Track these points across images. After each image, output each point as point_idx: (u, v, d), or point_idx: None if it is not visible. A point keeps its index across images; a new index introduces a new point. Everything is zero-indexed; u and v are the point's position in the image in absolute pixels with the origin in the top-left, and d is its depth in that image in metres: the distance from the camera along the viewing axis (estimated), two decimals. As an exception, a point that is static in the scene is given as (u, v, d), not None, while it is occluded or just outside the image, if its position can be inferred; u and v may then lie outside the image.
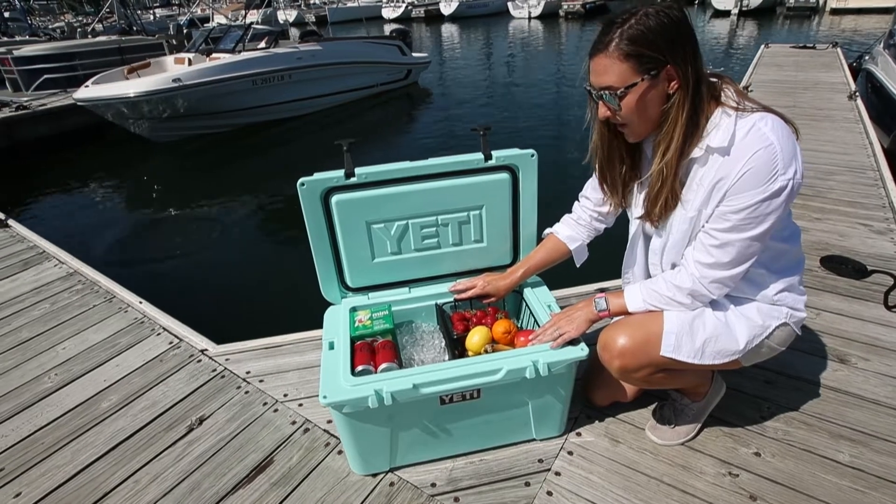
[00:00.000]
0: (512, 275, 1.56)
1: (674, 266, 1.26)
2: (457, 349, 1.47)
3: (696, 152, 1.10)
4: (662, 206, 1.18)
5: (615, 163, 1.29)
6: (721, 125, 1.07)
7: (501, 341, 1.46)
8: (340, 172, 1.43)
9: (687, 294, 1.19)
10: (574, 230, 1.51)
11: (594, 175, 1.39)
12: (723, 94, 1.11)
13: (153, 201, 6.34)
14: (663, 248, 1.27)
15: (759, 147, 1.02)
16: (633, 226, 1.39)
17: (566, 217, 1.54)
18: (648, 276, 1.40)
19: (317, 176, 1.43)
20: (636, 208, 1.32)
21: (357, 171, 1.44)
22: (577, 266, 1.53)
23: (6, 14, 16.67)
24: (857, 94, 5.19)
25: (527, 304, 1.59)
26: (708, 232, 1.13)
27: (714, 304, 1.24)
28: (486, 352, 1.41)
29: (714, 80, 1.12)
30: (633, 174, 1.30)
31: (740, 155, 1.04)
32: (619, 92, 1.07)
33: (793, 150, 1.03)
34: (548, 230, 1.57)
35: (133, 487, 1.46)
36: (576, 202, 1.52)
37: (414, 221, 1.53)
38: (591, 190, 1.45)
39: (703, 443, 1.47)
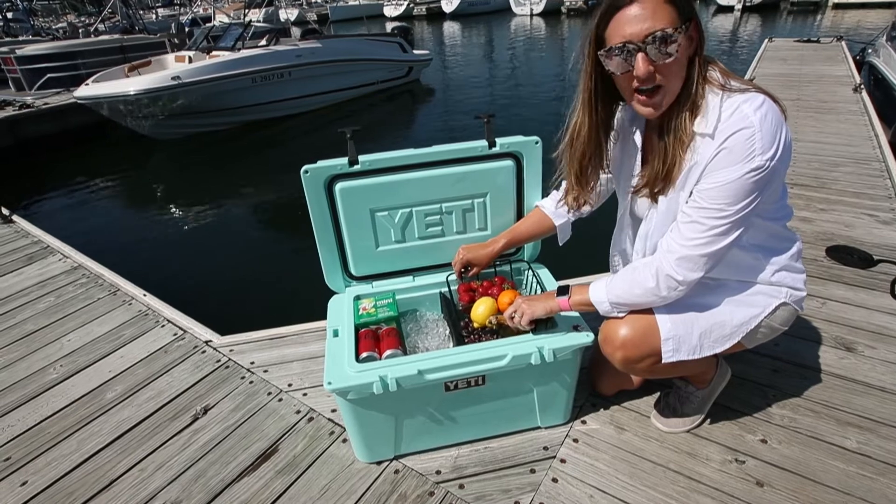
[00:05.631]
0: (493, 244, 1.53)
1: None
2: (462, 321, 1.47)
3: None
4: (672, 177, 1.10)
5: (603, 147, 1.23)
6: (709, 108, 1.04)
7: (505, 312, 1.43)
8: (344, 160, 1.43)
9: (652, 274, 1.12)
10: (560, 207, 1.47)
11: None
12: (708, 74, 1.07)
13: (156, 197, 6.35)
14: (647, 234, 1.25)
15: (739, 127, 0.99)
16: (622, 209, 1.36)
17: (554, 192, 1.50)
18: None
19: (320, 163, 1.43)
20: (627, 191, 1.27)
21: (361, 158, 1.43)
22: (560, 244, 1.51)
23: (9, 15, 16.70)
24: (863, 86, 5.17)
25: (536, 277, 1.58)
26: (682, 210, 1.10)
27: (708, 292, 1.22)
28: (490, 323, 1.40)
29: None
30: (603, 163, 1.26)
31: (719, 135, 1.01)
32: (678, 30, 0.97)
33: (775, 131, 0.98)
34: (535, 202, 1.55)
35: (139, 475, 1.46)
36: (563, 181, 1.45)
37: (418, 209, 1.53)
38: None
39: (708, 430, 1.46)
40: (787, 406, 1.52)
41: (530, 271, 1.62)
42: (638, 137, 1.21)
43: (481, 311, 1.42)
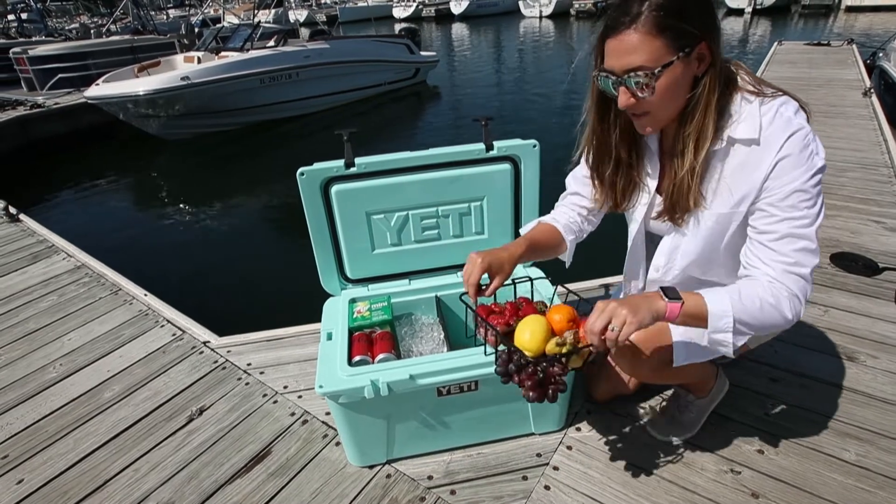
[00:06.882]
0: (515, 247, 1.21)
1: (684, 271, 1.19)
2: (505, 351, 1.08)
3: (717, 144, 1.02)
4: (687, 205, 1.07)
5: (612, 161, 1.17)
6: (744, 114, 1.00)
7: (562, 332, 1.07)
8: (340, 162, 1.43)
9: (787, 296, 0.99)
10: (567, 222, 1.34)
11: (577, 171, 1.30)
12: (739, 79, 1.03)
13: (161, 197, 6.41)
14: (676, 249, 1.19)
15: (790, 132, 0.96)
16: (634, 229, 1.28)
17: (560, 208, 1.37)
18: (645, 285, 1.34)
19: (317, 166, 1.43)
20: (641, 208, 1.22)
21: (357, 160, 1.44)
22: (567, 266, 1.40)
23: (23, 15, 16.93)
24: (873, 90, 5.10)
25: (531, 282, 1.55)
26: (762, 230, 1.03)
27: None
28: (559, 347, 1.01)
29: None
30: (630, 173, 1.19)
31: (772, 144, 0.98)
32: (656, 71, 0.93)
33: (815, 134, 0.99)
34: (540, 220, 1.38)
35: (133, 476, 1.47)
36: (560, 207, 1.37)
37: (414, 212, 1.53)
38: (581, 185, 1.32)
39: (704, 439, 1.44)
40: (785, 416, 1.50)
41: (527, 277, 1.60)
42: (654, 159, 1.16)
43: (530, 336, 1.04)
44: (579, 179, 1.32)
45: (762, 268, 1.02)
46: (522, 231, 1.37)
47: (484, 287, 1.16)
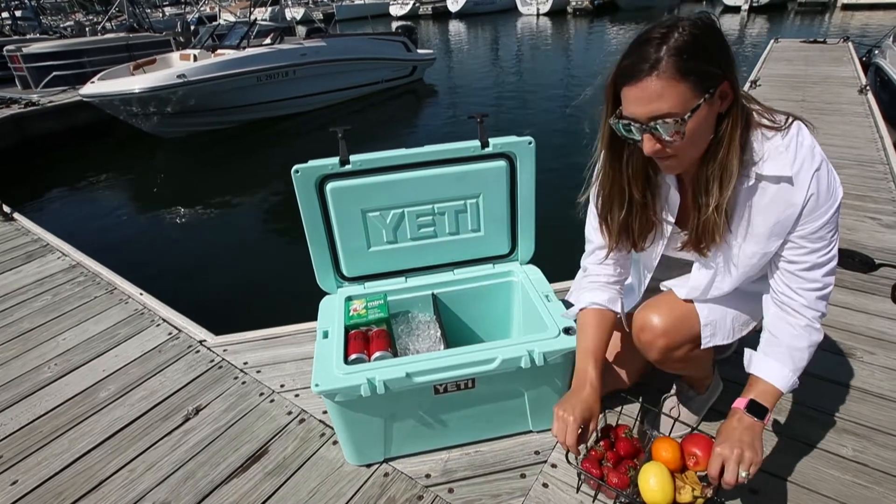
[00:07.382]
0: (590, 380, 1.19)
1: (716, 299, 1.20)
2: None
3: (745, 182, 1.02)
4: (714, 240, 1.07)
5: (625, 204, 1.15)
6: (767, 150, 1.00)
7: (675, 468, 1.13)
8: (335, 159, 1.42)
9: (817, 329, 1.10)
10: (608, 292, 1.29)
11: (594, 222, 1.24)
12: (754, 113, 1.01)
13: (157, 195, 6.38)
14: (709, 284, 1.18)
15: (815, 168, 0.98)
16: (655, 258, 1.25)
17: (586, 284, 1.32)
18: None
19: (311, 163, 1.42)
20: (662, 241, 1.21)
21: (352, 158, 1.43)
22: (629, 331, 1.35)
23: (18, 13, 16.81)
24: (868, 87, 5.11)
25: (530, 281, 1.54)
26: (792, 261, 1.07)
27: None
28: (695, 497, 1.08)
29: None
30: (646, 213, 1.16)
31: (802, 181, 0.99)
32: (686, 117, 0.90)
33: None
34: (580, 307, 1.30)
35: (128, 476, 1.46)
36: (593, 268, 1.31)
37: (410, 210, 1.52)
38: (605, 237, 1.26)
39: (702, 436, 1.44)
40: (783, 413, 1.50)
41: (524, 274, 1.60)
42: (672, 192, 1.14)
43: (658, 489, 1.07)
44: (598, 229, 1.26)
45: (795, 297, 1.09)
46: (569, 316, 1.37)
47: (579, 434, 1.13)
